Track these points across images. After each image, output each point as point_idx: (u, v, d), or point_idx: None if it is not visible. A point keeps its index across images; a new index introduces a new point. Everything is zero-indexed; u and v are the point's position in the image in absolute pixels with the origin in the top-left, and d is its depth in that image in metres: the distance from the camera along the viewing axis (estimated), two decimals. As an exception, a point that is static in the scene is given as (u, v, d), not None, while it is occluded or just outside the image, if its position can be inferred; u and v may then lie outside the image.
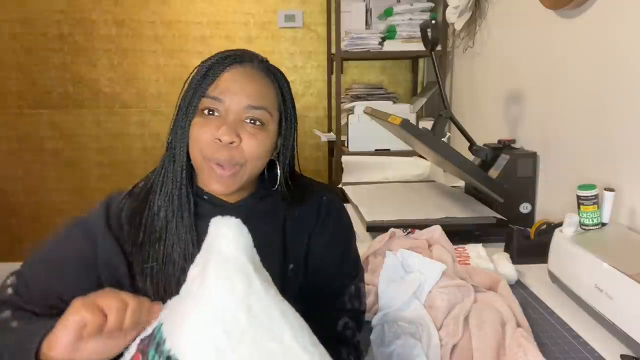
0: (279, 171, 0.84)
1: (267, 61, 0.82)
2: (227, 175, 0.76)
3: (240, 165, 0.77)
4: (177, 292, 0.73)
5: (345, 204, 0.95)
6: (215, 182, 0.77)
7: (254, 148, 0.76)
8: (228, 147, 0.75)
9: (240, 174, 0.77)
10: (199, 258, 0.58)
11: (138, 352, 0.57)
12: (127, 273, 0.78)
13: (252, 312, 0.52)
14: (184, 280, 0.74)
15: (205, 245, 0.57)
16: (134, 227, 0.79)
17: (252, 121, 0.76)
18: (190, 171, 0.81)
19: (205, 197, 0.83)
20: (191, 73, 0.79)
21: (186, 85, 0.79)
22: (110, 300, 0.60)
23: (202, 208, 0.82)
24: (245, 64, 0.77)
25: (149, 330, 0.59)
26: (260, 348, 0.50)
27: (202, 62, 0.79)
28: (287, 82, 0.83)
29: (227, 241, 0.55)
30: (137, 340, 0.59)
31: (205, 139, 0.75)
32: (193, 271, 0.58)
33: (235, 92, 0.75)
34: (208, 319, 0.51)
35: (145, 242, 0.78)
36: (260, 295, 0.53)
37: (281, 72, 0.83)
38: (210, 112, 0.76)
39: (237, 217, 0.82)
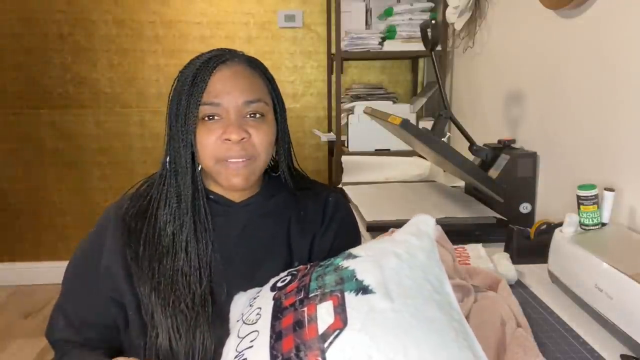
0: (281, 156, 0.86)
1: (242, 54, 0.82)
2: (242, 165, 0.77)
3: (254, 158, 0.78)
4: (187, 307, 0.75)
5: (347, 204, 0.95)
6: (233, 176, 0.78)
7: (263, 139, 0.78)
8: (239, 143, 0.76)
9: (254, 165, 0.79)
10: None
11: (307, 265, 0.68)
12: (126, 285, 0.79)
13: (430, 260, 0.60)
14: (194, 293, 0.76)
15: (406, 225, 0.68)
16: (135, 243, 0.79)
17: (253, 115, 0.78)
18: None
19: (211, 196, 0.83)
20: (173, 83, 0.79)
21: (173, 96, 0.79)
22: None
23: (209, 207, 0.82)
24: (228, 62, 0.78)
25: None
26: (426, 279, 0.58)
27: (183, 70, 0.79)
28: (268, 70, 0.84)
29: (424, 223, 0.66)
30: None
31: (214, 142, 0.76)
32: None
33: (229, 92, 0.76)
34: (396, 244, 0.61)
35: (151, 257, 0.78)
36: (438, 261, 0.62)
37: (260, 61, 0.83)
38: (211, 118, 0.76)
39: (243, 215, 0.84)
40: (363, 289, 0.54)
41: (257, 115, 0.78)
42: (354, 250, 0.62)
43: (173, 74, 2.85)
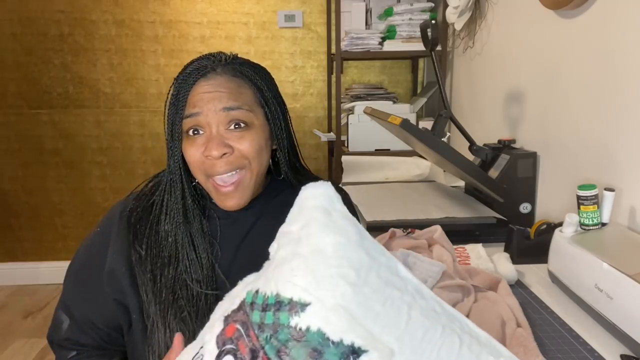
0: (281, 158, 0.84)
1: (232, 60, 0.79)
2: (233, 189, 0.76)
3: (244, 169, 0.77)
4: (190, 315, 0.74)
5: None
6: (226, 200, 0.77)
7: (249, 147, 0.76)
8: (222, 159, 0.75)
9: (246, 178, 0.78)
10: (287, 225, 0.54)
11: (231, 324, 0.51)
12: (130, 288, 0.78)
13: (370, 252, 0.50)
14: (197, 303, 0.74)
15: (295, 209, 0.54)
16: (139, 245, 0.79)
17: (237, 125, 0.76)
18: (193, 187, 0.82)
19: (213, 200, 0.83)
20: (167, 94, 0.79)
21: (166, 110, 0.79)
22: None
23: (211, 211, 0.82)
24: (208, 75, 0.76)
25: (235, 303, 0.53)
26: (386, 281, 0.49)
27: (176, 79, 0.79)
28: (261, 73, 0.81)
29: (326, 198, 0.52)
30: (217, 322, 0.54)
31: (198, 159, 0.76)
32: (286, 237, 0.53)
33: (207, 101, 0.75)
34: (331, 261, 0.48)
35: (153, 263, 0.78)
36: (371, 240, 0.52)
37: (251, 65, 0.80)
38: (195, 132, 0.76)
39: (247, 218, 0.83)
40: (352, 353, 0.44)
41: (242, 125, 0.76)
42: (293, 294, 0.48)
43: (173, 74, 2.85)
